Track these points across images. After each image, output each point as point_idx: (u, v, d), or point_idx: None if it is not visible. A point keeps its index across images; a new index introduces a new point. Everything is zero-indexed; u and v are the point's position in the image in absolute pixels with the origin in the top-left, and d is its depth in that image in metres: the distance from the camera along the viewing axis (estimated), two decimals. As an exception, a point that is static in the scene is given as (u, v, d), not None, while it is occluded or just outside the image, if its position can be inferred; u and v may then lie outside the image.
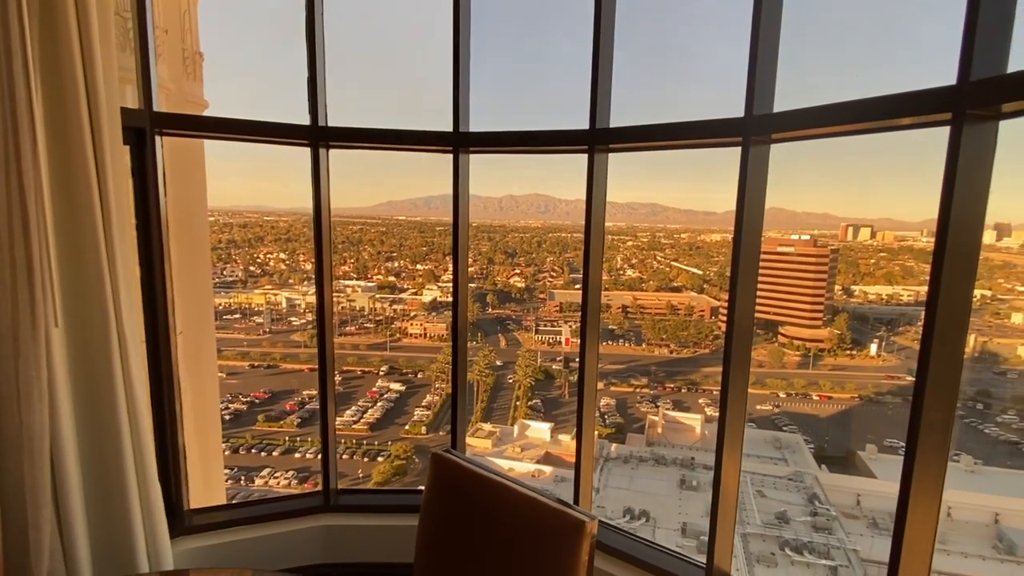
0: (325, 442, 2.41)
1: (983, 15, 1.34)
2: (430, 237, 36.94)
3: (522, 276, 34.86)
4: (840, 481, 13.53)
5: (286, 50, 4.58)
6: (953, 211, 1.42)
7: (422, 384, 25.15)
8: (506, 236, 40.30)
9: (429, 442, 21.14)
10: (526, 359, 26.63)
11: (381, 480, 18.25)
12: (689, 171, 47.00)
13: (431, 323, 28.93)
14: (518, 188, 47.75)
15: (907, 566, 1.50)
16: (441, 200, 52.17)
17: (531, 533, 1.35)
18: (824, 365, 25.57)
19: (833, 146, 3.96)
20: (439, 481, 1.55)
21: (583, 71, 2.24)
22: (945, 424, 1.47)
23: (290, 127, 2.29)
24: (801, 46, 2.52)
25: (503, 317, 31.48)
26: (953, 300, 1.45)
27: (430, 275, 32.91)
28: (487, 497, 1.46)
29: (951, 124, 1.42)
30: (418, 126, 2.38)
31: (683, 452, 14.51)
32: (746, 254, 1.96)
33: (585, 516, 1.30)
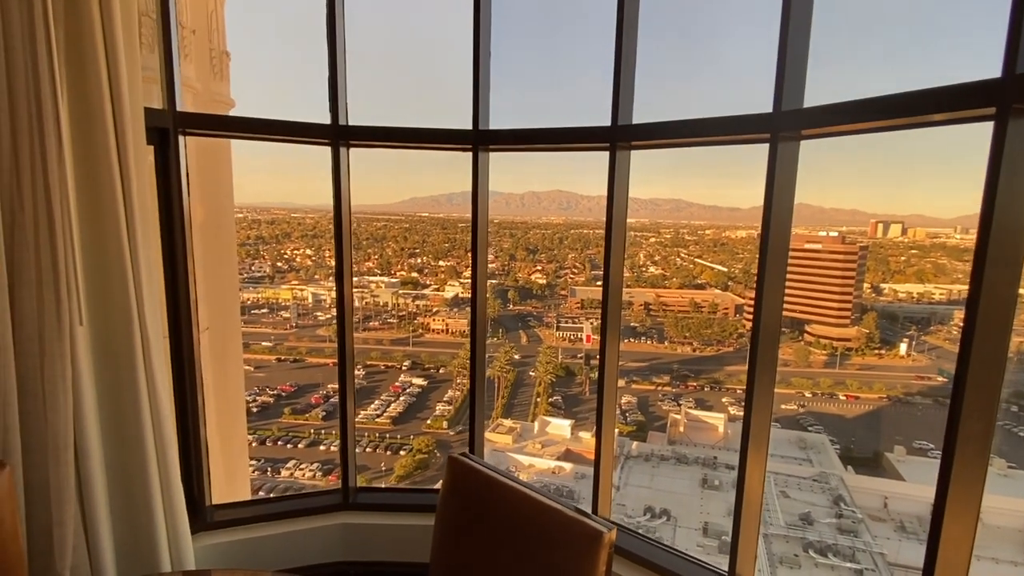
0: (344, 439, 2.42)
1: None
2: (452, 234, 37.08)
3: (543, 273, 34.78)
4: (867, 483, 13.19)
5: (309, 50, 4.67)
6: (996, 208, 1.34)
7: (444, 379, 25.31)
8: (528, 232, 40.25)
9: (450, 437, 21.28)
10: (547, 356, 26.60)
11: (403, 473, 18.44)
12: (714, 167, 46.25)
13: (453, 319, 29.07)
14: (540, 184, 47.55)
15: (945, 562, 1.43)
16: (463, 197, 52.23)
17: (547, 541, 1.33)
18: (851, 364, 24.91)
19: (863, 141, 3.78)
20: (455, 484, 1.54)
21: (606, 67, 2.20)
22: (985, 433, 1.40)
23: (311, 126, 2.29)
24: (834, 39, 2.43)
25: (524, 313, 31.46)
26: (995, 300, 1.37)
27: (452, 271, 33.07)
28: (502, 502, 1.44)
29: (995, 119, 1.34)
30: (439, 124, 2.37)
31: (705, 451, 14.33)
32: (774, 252, 1.89)
33: (603, 526, 1.27)
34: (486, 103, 2.40)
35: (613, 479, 8.47)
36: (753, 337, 1.96)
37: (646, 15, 2.18)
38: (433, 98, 44.48)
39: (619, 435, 16.90)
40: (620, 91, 2.18)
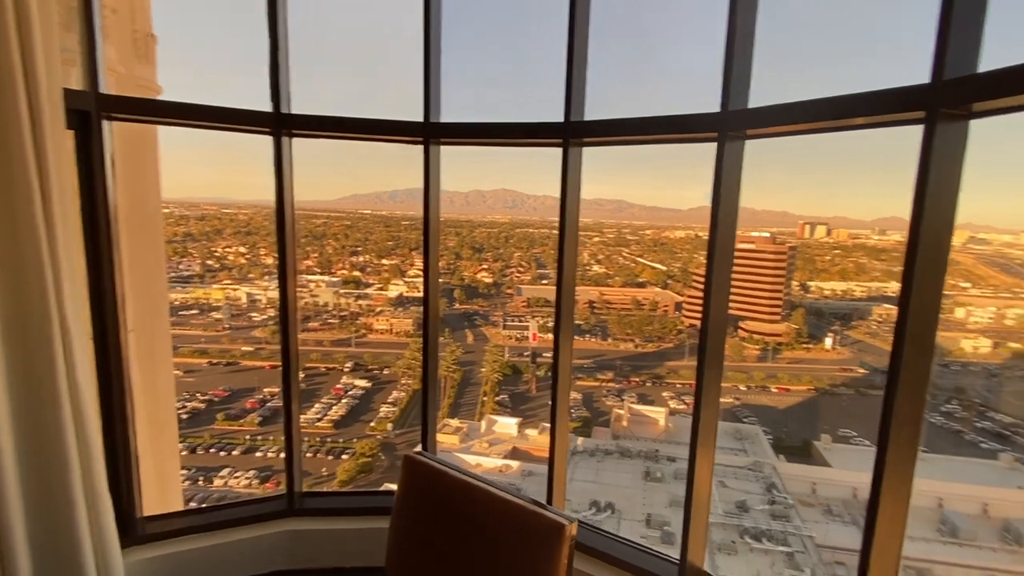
0: (289, 443, 2.31)
1: (956, 14, 1.35)
2: (396, 231, 36.45)
3: (489, 271, 34.79)
4: (797, 470, 14.03)
5: (249, 34, 4.30)
6: (926, 209, 1.43)
7: (388, 380, 24.86)
8: (473, 231, 40.13)
9: (396, 439, 20.92)
10: (493, 354, 26.63)
11: (346, 478, 17.96)
12: (655, 168, 47.64)
13: (397, 319, 28.60)
14: (485, 183, 47.46)
15: (878, 555, 1.52)
16: (406, 194, 51.59)
17: (508, 536, 1.31)
18: (782, 358, 26.59)
19: (793, 144, 4.08)
20: (412, 483, 1.50)
21: (559, 64, 2.20)
22: (916, 418, 1.49)
23: (251, 114, 2.17)
24: (777, 42, 2.54)
25: (471, 312, 31.36)
26: (924, 297, 1.47)
27: (396, 270, 32.51)
28: (462, 499, 1.41)
29: (924, 123, 1.43)
30: (388, 116, 2.29)
31: (648, 445, 14.78)
32: (721, 250, 1.95)
33: (564, 518, 1.27)
34: (437, 95, 2.35)
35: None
36: (702, 334, 2.01)
37: (598, 14, 2.20)
38: (384, 90, 43.33)
39: (566, 432, 17.11)
40: (572, 88, 2.19)
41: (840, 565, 10.64)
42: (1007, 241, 30.11)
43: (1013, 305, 25.66)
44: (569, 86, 2.19)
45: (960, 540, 11.48)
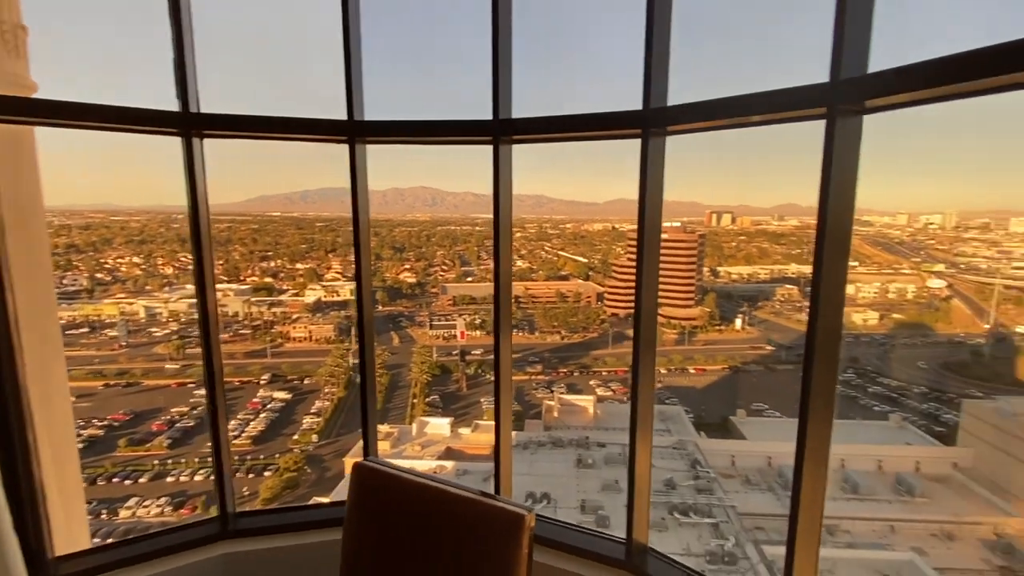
0: (219, 460, 2.16)
1: (849, 19, 1.49)
2: (310, 234, 35.04)
3: (412, 271, 34.25)
4: (717, 445, 15.02)
5: (151, 28, 3.90)
6: (830, 197, 1.57)
7: (310, 390, 23.89)
8: (393, 230, 39.37)
9: (321, 450, 20.14)
10: (421, 355, 26.29)
11: (270, 496, 17.07)
12: (573, 163, 48.77)
13: (316, 325, 27.56)
14: (403, 180, 46.58)
15: (805, 514, 1.66)
16: (319, 194, 49.55)
17: (469, 532, 1.32)
18: (698, 341, 28.49)
19: (701, 137, 4.35)
20: (363, 491, 1.46)
21: (485, 62, 2.21)
22: (830, 386, 1.64)
23: (156, 114, 2.00)
24: (694, 43, 2.68)
25: (395, 314, 30.77)
26: (832, 277, 1.61)
27: (312, 274, 31.25)
28: (418, 501, 1.39)
29: (826, 118, 1.57)
30: (310, 115, 2.20)
31: (578, 433, 15.20)
32: (649, 241, 2.04)
33: (523, 509, 1.29)
34: (359, 92, 2.28)
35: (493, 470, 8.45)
36: (636, 323, 2.09)
37: (525, 13, 2.22)
38: (305, 88, 41.27)
39: (497, 427, 17.24)
40: (499, 85, 2.20)
41: (760, 530, 11.55)
42: (886, 222, 33.92)
43: (894, 280, 28.99)
44: (496, 84, 2.20)
45: (861, 496, 12.82)
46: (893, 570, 10.02)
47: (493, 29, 2.16)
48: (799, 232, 34.37)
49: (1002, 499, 12.51)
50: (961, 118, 38.19)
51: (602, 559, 2.10)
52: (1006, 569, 10.72)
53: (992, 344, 25.23)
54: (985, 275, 28.19)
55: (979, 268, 29.03)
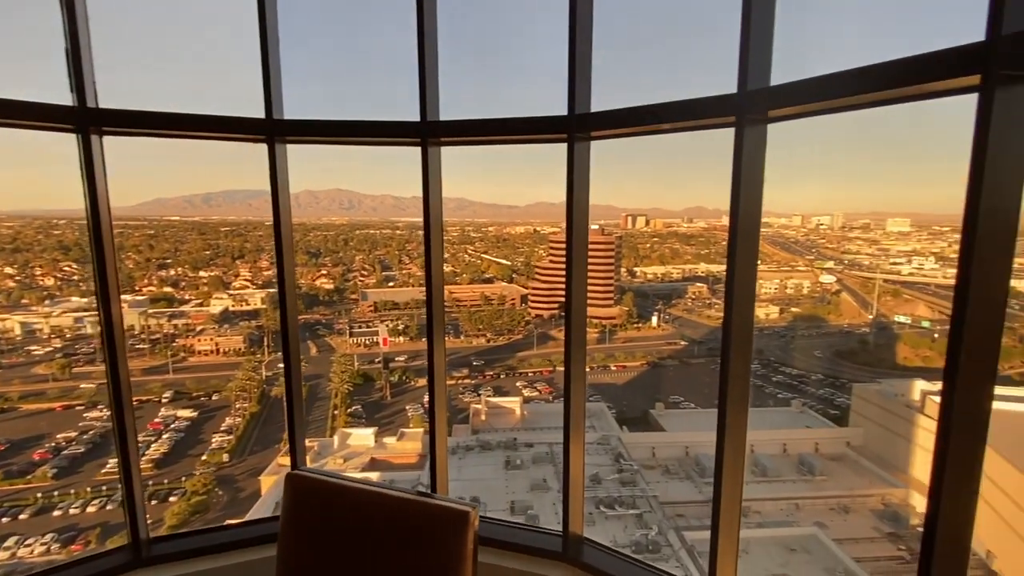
0: (129, 483, 1.98)
1: (753, 35, 1.62)
2: (214, 239, 33.02)
3: (329, 277, 33.03)
4: (638, 438, 15.68)
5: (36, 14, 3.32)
6: (741, 201, 1.70)
7: (219, 406, 22.41)
8: (308, 234, 37.85)
9: (234, 470, 18.91)
10: (342, 364, 25.39)
11: (176, 523, 15.79)
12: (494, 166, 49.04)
13: (224, 336, 25.93)
14: (316, 183, 44.96)
15: (727, 498, 1.78)
16: (224, 196, 46.64)
17: (413, 533, 1.30)
18: (618, 339, 29.73)
19: (615, 143, 4.54)
20: (299, 502, 1.39)
21: (411, 63, 2.19)
22: (745, 375, 1.77)
23: (47, 108, 1.80)
24: (616, 53, 2.79)
25: (312, 322, 29.55)
26: (744, 275, 1.74)
27: (218, 283, 29.40)
28: (357, 506, 1.36)
29: (735, 126, 1.69)
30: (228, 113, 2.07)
31: (506, 435, 15.30)
32: (578, 243, 2.11)
33: (467, 507, 1.29)
34: (279, 89, 2.18)
35: (421, 478, 8.48)
36: (567, 323, 2.15)
37: (450, 18, 2.22)
38: (215, 84, 38.42)
39: (423, 433, 17.03)
40: (426, 88, 2.19)
41: (680, 517, 12.17)
42: (783, 223, 37.20)
43: (792, 276, 31.91)
44: (423, 86, 2.18)
45: (769, 478, 13.88)
46: (799, 544, 10.94)
47: (419, 31, 2.15)
48: (707, 233, 36.80)
49: (888, 472, 13.99)
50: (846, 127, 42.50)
51: (541, 553, 2.14)
52: (893, 535, 11.99)
53: (875, 332, 28.35)
54: (867, 271, 31.70)
55: (862, 264, 32.59)
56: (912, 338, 27.18)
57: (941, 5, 33.85)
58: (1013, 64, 1.09)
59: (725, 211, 1.77)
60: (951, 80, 1.22)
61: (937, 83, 1.25)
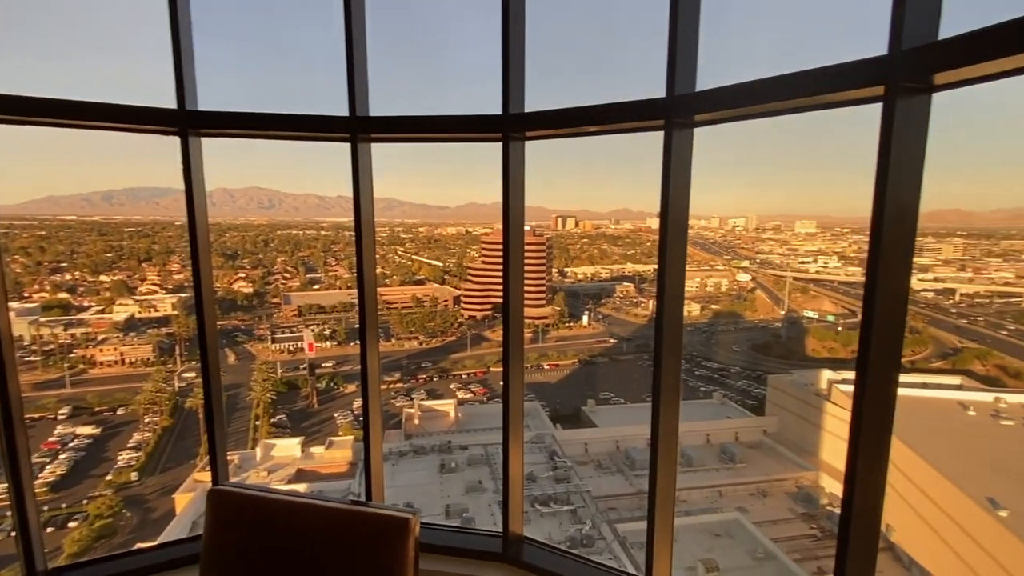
0: (22, 512, 1.76)
1: (680, 44, 1.68)
2: (116, 240, 30.67)
3: (248, 280, 31.42)
4: (571, 435, 16.01)
5: None
6: (671, 202, 1.75)
7: (126, 421, 20.78)
8: (223, 235, 35.96)
9: (144, 489, 17.54)
10: (263, 372, 24.17)
11: (77, 550, 14.43)
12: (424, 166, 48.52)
13: (130, 346, 24.07)
14: (232, 180, 42.79)
15: (662, 486, 1.83)
16: (128, 194, 43.29)
17: (350, 545, 1.24)
18: (550, 338, 30.31)
19: (545, 144, 4.59)
20: (223, 520, 1.29)
21: (339, 56, 2.10)
22: (677, 370, 1.83)
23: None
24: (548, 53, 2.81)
25: (229, 329, 27.98)
26: (673, 274, 1.80)
27: (122, 287, 27.26)
28: (287, 521, 1.27)
29: (664, 130, 1.75)
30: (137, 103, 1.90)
31: (440, 438, 15.14)
32: (514, 244, 2.10)
33: (407, 513, 1.25)
34: (191, 78, 2.03)
35: (352, 487, 8.26)
36: (504, 324, 2.14)
37: (382, 12, 2.16)
38: (126, 72, 35.39)
39: (354, 441, 16.55)
40: (355, 81, 2.11)
41: (612, 510, 12.54)
42: (703, 225, 39.49)
43: (711, 275, 33.97)
44: (352, 79, 2.10)
45: (694, 468, 14.59)
46: (723, 529, 11.57)
47: (346, 21, 2.07)
48: (633, 235, 38.33)
49: (801, 457, 15.10)
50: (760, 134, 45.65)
51: (481, 555, 2.12)
52: (806, 515, 12.96)
53: (787, 327, 30.68)
54: (779, 269, 34.30)
55: (774, 263, 35.23)
56: (819, 331, 29.64)
57: (850, 20, 36.99)
58: (912, 77, 1.19)
59: (649, 213, 1.83)
60: (859, 90, 1.31)
61: (846, 93, 1.34)
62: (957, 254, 33.74)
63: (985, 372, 23.84)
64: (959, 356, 25.39)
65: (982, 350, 25.48)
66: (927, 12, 1.19)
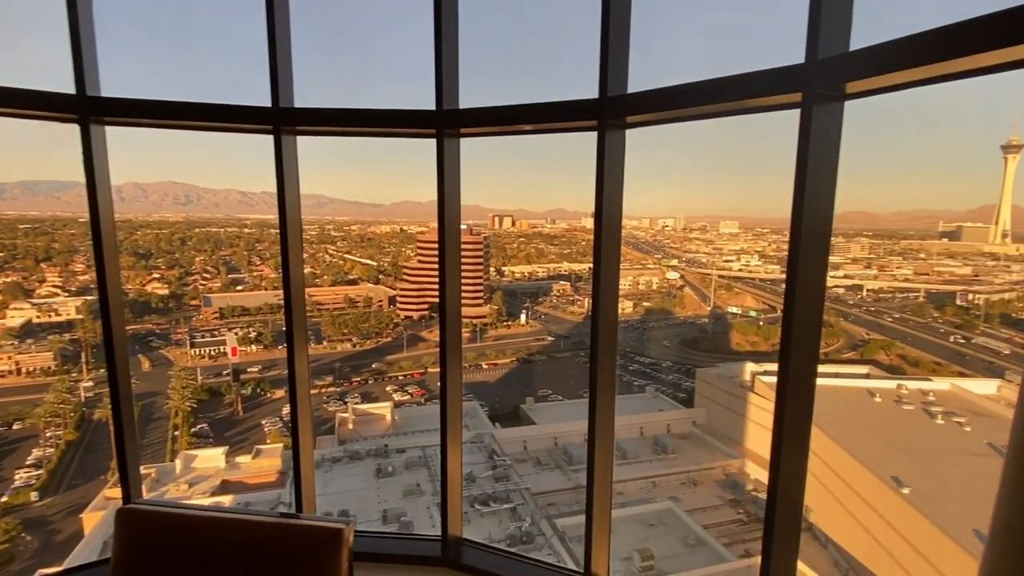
0: None
1: (612, 45, 1.70)
2: (9, 238, 28.19)
3: (164, 281, 29.49)
4: (510, 433, 16.11)
5: None
6: (604, 202, 1.78)
7: (24, 437, 19.05)
8: (135, 232, 33.64)
9: (45, 510, 16.08)
10: (182, 379, 22.72)
11: (-36, 585, 13.03)
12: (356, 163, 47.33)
13: (27, 354, 22.07)
14: (144, 174, 40.18)
15: (599, 479, 1.86)
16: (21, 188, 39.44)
17: (278, 561, 1.17)
18: (489, 337, 30.37)
19: (485, 141, 4.60)
20: (134, 540, 1.18)
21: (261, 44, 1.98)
22: (612, 365, 1.86)
23: None
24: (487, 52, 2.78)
25: (143, 333, 26.17)
26: (608, 272, 1.83)
27: (16, 290, 24.94)
28: (209, 538, 1.18)
29: (597, 130, 1.77)
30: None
31: (376, 442, 14.79)
32: (450, 242, 2.06)
33: (340, 523, 1.19)
34: (93, 61, 1.85)
35: (283, 496, 7.95)
36: (441, 324, 2.10)
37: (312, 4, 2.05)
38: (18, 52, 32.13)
39: (284, 449, 15.88)
40: (278, 71, 2.00)
41: (551, 505, 12.72)
42: (634, 225, 40.98)
43: (643, 274, 35.30)
44: (274, 68, 1.99)
45: (629, 460, 15.05)
46: (657, 519, 12.02)
47: (268, 8, 1.95)
48: (569, 234, 39.15)
49: (728, 446, 15.92)
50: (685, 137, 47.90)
51: (419, 560, 2.09)
52: (733, 501, 13.70)
53: (713, 322, 32.41)
54: (705, 268, 36.24)
55: (701, 262, 37.16)
56: (742, 326, 31.50)
57: (777, 31, 39.26)
58: (826, 85, 1.26)
59: (584, 213, 1.85)
60: (778, 96, 1.37)
61: (768, 99, 1.41)
62: (864, 253, 36.97)
63: (889, 362, 26.20)
64: (866, 347, 27.74)
65: (886, 341, 28.00)
66: (840, 25, 1.26)
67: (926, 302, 30.94)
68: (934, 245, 37.95)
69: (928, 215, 47.56)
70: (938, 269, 33.62)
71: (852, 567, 10.67)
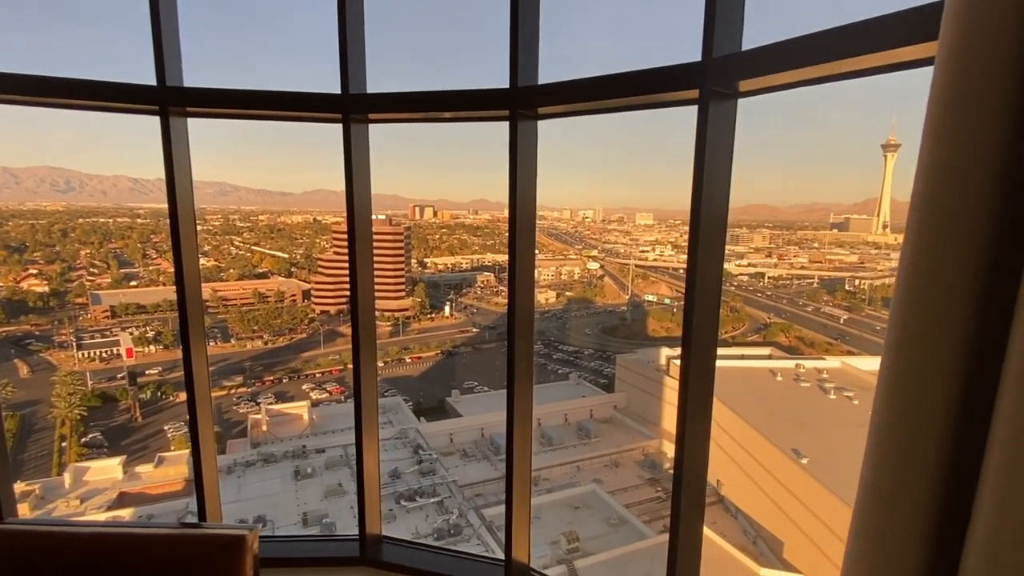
0: None
1: (522, 35, 1.70)
2: None
3: (43, 277, 26.51)
4: (436, 427, 16.02)
5: None
6: (519, 192, 1.78)
7: None
8: (4, 224, 30.08)
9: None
10: (68, 385, 20.56)
11: None
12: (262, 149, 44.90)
13: None
14: (14, 158, 36.15)
15: (519, 467, 1.88)
16: None
17: (176, 572, 1.09)
18: (412, 330, 29.77)
19: (402, 130, 4.31)
20: (11, 566, 1.06)
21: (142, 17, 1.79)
22: (529, 354, 1.88)
23: None
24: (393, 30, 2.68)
25: (19, 335, 23.46)
26: (523, 263, 1.84)
27: None
28: (98, 557, 1.08)
29: (509, 120, 1.77)
30: None
31: (293, 443, 14.18)
32: (360, 232, 1.99)
33: (243, 530, 1.13)
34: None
35: (190, 505, 7.51)
36: (353, 319, 2.03)
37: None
38: None
39: (190, 455, 14.81)
40: (164, 46, 1.83)
41: (479, 496, 12.80)
42: (556, 216, 41.84)
43: (565, 264, 36.12)
44: (159, 44, 1.81)
45: (554, 446, 15.44)
46: (582, 501, 12.43)
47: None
48: (492, 225, 39.22)
49: (646, 427, 16.70)
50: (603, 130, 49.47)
51: (337, 562, 2.04)
52: (652, 479, 14.44)
53: (631, 310, 33.87)
54: (623, 258, 37.72)
55: (619, 252, 38.64)
56: (658, 313, 33.17)
57: (683, 29, 41.13)
58: (720, 82, 1.32)
59: (506, 204, 1.85)
60: (678, 92, 1.43)
61: (669, 94, 1.47)
62: (765, 243, 40.04)
63: (788, 343, 28.58)
64: (768, 330, 30.11)
65: (785, 324, 30.54)
66: (734, 25, 1.33)
67: (820, 288, 33.95)
68: (826, 235, 41.79)
69: (821, 207, 52.29)
70: (830, 257, 37.01)
71: (760, 534, 11.60)
